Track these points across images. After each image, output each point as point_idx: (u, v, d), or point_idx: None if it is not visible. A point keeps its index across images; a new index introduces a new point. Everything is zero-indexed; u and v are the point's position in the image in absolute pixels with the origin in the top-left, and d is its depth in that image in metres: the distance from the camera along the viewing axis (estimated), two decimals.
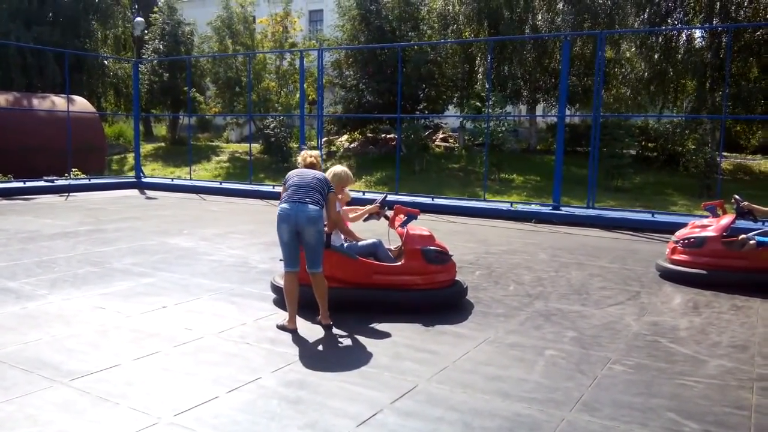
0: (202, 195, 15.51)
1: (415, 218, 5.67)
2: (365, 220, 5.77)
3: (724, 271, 6.55)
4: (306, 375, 3.91)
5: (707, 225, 7.06)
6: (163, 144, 28.19)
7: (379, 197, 5.91)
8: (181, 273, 6.67)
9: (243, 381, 3.79)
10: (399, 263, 5.43)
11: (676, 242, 7.05)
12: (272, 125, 22.08)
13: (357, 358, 4.24)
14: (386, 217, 5.78)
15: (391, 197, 13.71)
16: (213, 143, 28.23)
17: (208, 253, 7.83)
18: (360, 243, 5.54)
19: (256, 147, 23.08)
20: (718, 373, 4.10)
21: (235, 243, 8.58)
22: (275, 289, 5.58)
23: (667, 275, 6.88)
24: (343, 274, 5.33)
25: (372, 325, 4.96)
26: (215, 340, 4.55)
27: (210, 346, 4.43)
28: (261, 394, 3.61)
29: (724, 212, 7.35)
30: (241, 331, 4.76)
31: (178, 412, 3.35)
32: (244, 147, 24.63)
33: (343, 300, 5.28)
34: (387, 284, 5.36)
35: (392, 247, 5.71)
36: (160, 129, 33.68)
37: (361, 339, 4.66)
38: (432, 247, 5.46)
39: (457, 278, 5.72)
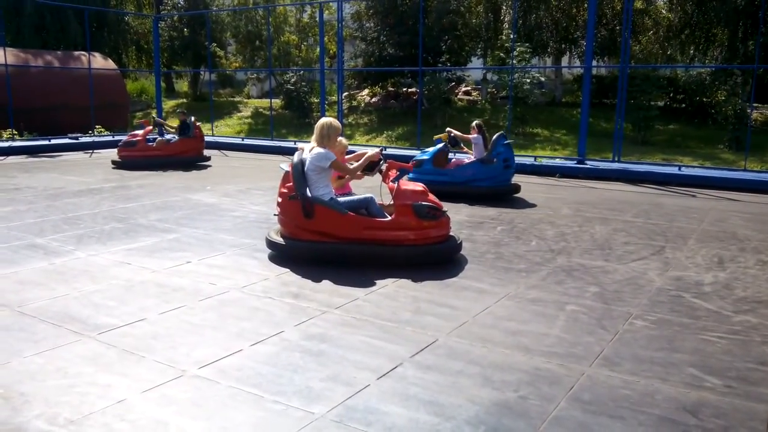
0: (224, 151, 15.55)
1: (408, 173, 5.62)
2: (364, 170, 5.68)
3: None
4: (328, 329, 3.96)
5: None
6: (184, 100, 28.18)
7: (374, 149, 5.82)
8: (204, 229, 6.74)
9: (266, 334, 3.85)
10: (389, 218, 5.40)
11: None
12: (293, 80, 21.90)
13: (378, 312, 4.27)
14: (380, 172, 5.73)
15: (410, 152, 13.61)
16: (234, 99, 28.14)
17: (231, 209, 7.89)
18: (351, 198, 5.54)
19: (277, 102, 22.98)
20: (742, 329, 4.05)
21: (257, 199, 8.63)
22: (270, 244, 5.61)
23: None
24: (332, 229, 5.34)
25: (394, 281, 4.98)
26: (239, 295, 4.61)
27: (233, 300, 4.49)
28: (284, 347, 3.67)
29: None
30: (263, 286, 4.81)
31: (203, 364, 3.42)
32: (265, 103, 24.52)
33: (333, 254, 5.33)
34: (377, 239, 5.32)
35: (385, 203, 5.67)
36: (182, 85, 33.61)
37: (382, 294, 4.68)
38: (423, 203, 5.39)
39: (451, 233, 5.66)
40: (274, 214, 5.87)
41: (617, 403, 3.08)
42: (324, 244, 5.37)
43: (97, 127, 17.48)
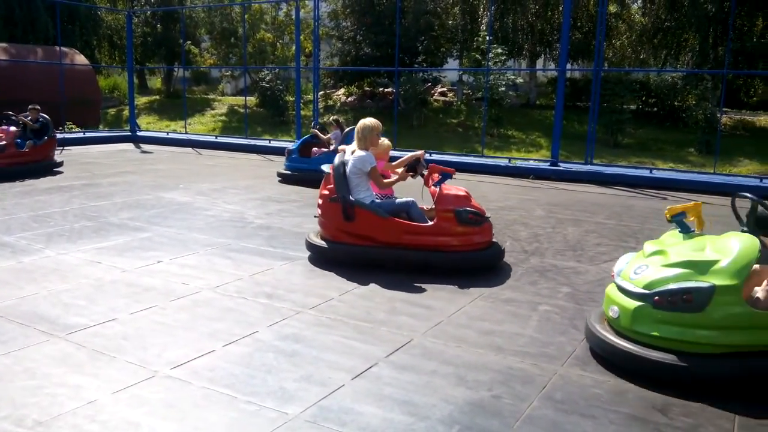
0: (197, 149, 15.40)
1: (451, 177, 5.51)
2: (407, 169, 5.62)
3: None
4: (302, 329, 3.94)
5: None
6: (158, 97, 27.82)
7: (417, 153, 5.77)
8: (177, 228, 6.66)
9: (239, 335, 3.82)
10: (430, 223, 5.28)
11: None
12: (268, 78, 21.78)
13: (353, 313, 4.27)
14: (422, 175, 5.64)
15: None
16: (209, 96, 27.88)
17: (204, 207, 7.81)
18: (391, 201, 5.45)
19: (251, 100, 22.81)
20: None
21: (231, 198, 8.56)
22: (310, 246, 5.54)
23: None
24: (372, 232, 5.25)
25: (369, 281, 4.97)
26: (211, 295, 4.56)
27: (206, 300, 4.45)
28: (257, 348, 3.64)
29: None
30: (237, 286, 4.77)
31: (175, 365, 3.38)
32: (240, 100, 24.31)
33: (374, 259, 5.24)
34: (417, 244, 5.21)
35: (426, 207, 5.55)
36: (155, 82, 33.21)
37: (358, 294, 4.68)
38: (466, 208, 5.26)
39: (494, 240, 5.54)
40: (315, 216, 5.80)
41: (589, 402, 3.11)
42: (364, 248, 5.26)
43: (68, 123, 17.18)
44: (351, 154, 5.41)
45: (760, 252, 3.34)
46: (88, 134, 16.80)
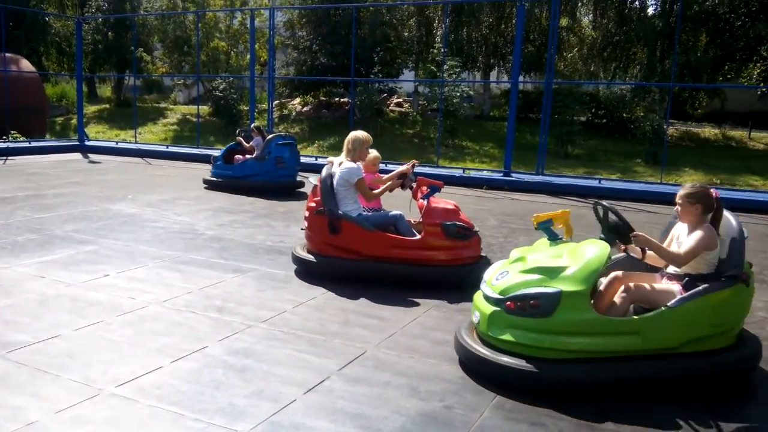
0: (147, 159, 15.09)
1: (439, 190, 5.45)
2: (396, 183, 5.54)
3: None
4: (253, 343, 3.88)
5: None
6: (107, 106, 27.19)
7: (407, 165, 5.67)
8: (124, 240, 6.49)
9: (188, 350, 3.73)
10: (417, 237, 5.21)
11: None
12: (221, 87, 21.55)
13: (306, 325, 4.22)
14: (411, 188, 5.58)
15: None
16: (160, 105, 27.39)
17: (153, 219, 7.64)
18: (378, 215, 5.39)
19: (204, 109, 22.52)
20: None
21: (181, 209, 8.40)
22: (296, 260, 5.45)
23: None
24: (359, 246, 5.17)
25: (323, 292, 4.94)
26: (159, 309, 4.46)
27: (154, 315, 4.34)
28: (207, 363, 3.57)
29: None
30: (186, 300, 4.67)
31: (120, 383, 3.28)
32: (192, 109, 23.97)
33: (361, 273, 5.16)
34: (405, 258, 5.13)
35: (413, 221, 5.47)
36: (105, 90, 32.47)
37: (311, 306, 4.64)
38: (454, 222, 5.19)
39: (482, 254, 5.49)
40: (302, 229, 5.70)
41: (538, 411, 3.15)
42: (351, 262, 5.17)
43: (12, 132, 16.61)
44: (338, 165, 5.35)
45: (612, 259, 3.40)
46: (34, 144, 16.27)
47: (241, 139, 10.96)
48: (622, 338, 3.31)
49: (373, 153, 5.81)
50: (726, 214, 3.61)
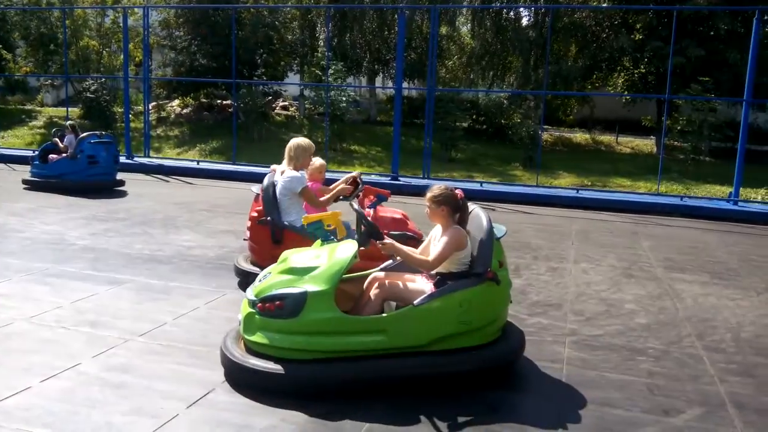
0: (11, 165, 13.92)
1: (386, 200, 5.34)
2: (337, 199, 5.38)
3: None
4: (131, 358, 3.67)
5: None
6: None
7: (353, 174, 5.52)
8: None
9: (59, 368, 3.47)
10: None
11: None
12: (93, 87, 20.32)
13: (188, 337, 4.05)
14: (357, 197, 5.39)
15: (227, 167, 13.26)
16: (26, 107, 25.39)
17: (18, 229, 7.06)
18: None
19: (75, 111, 21.12)
20: (535, 330, 4.45)
21: (50, 218, 7.82)
22: (238, 272, 5.16)
23: None
24: None
25: (206, 302, 4.76)
26: (27, 326, 4.11)
27: (20, 332, 4.00)
28: (80, 381, 3.34)
29: None
30: (56, 315, 4.34)
31: None
32: (61, 111, 22.38)
33: None
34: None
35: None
36: None
37: (194, 317, 4.46)
38: (404, 232, 5.09)
39: None
40: (244, 239, 5.37)
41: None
42: None
43: None
44: (281, 174, 5.15)
45: (357, 258, 3.45)
46: None
47: (56, 139, 10.75)
48: (369, 337, 3.32)
49: (318, 160, 5.65)
50: (479, 212, 3.67)
